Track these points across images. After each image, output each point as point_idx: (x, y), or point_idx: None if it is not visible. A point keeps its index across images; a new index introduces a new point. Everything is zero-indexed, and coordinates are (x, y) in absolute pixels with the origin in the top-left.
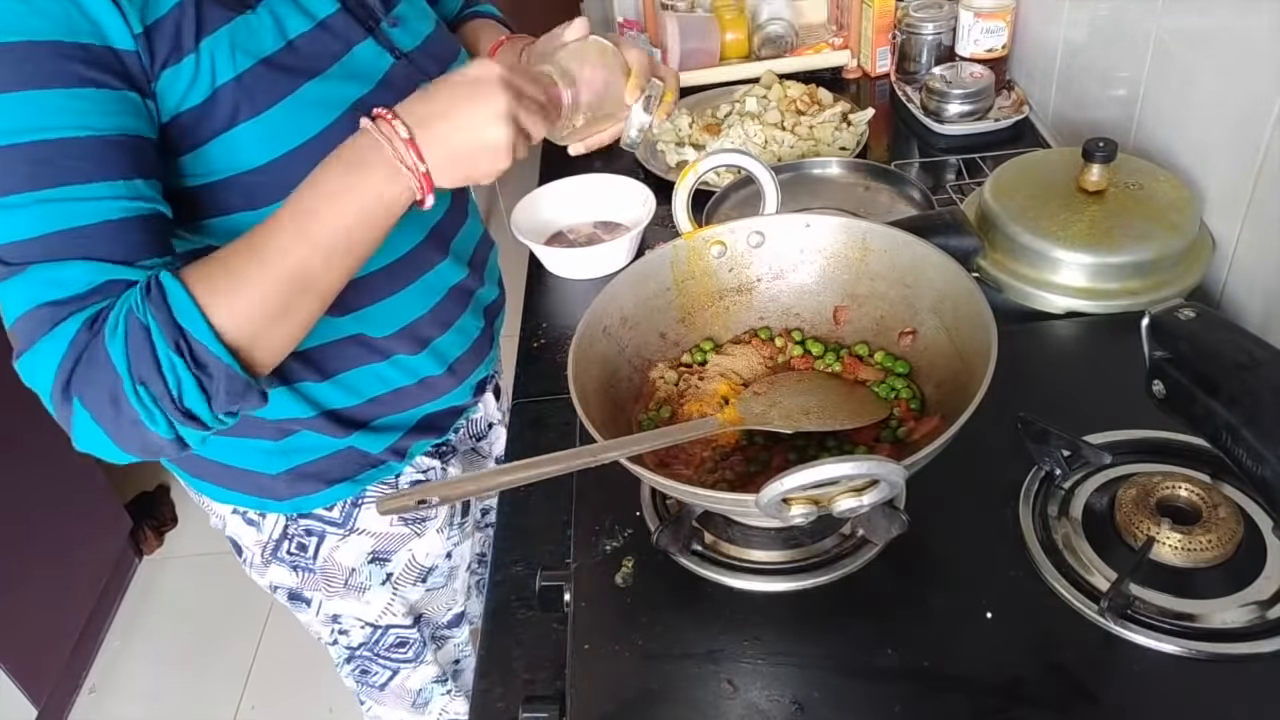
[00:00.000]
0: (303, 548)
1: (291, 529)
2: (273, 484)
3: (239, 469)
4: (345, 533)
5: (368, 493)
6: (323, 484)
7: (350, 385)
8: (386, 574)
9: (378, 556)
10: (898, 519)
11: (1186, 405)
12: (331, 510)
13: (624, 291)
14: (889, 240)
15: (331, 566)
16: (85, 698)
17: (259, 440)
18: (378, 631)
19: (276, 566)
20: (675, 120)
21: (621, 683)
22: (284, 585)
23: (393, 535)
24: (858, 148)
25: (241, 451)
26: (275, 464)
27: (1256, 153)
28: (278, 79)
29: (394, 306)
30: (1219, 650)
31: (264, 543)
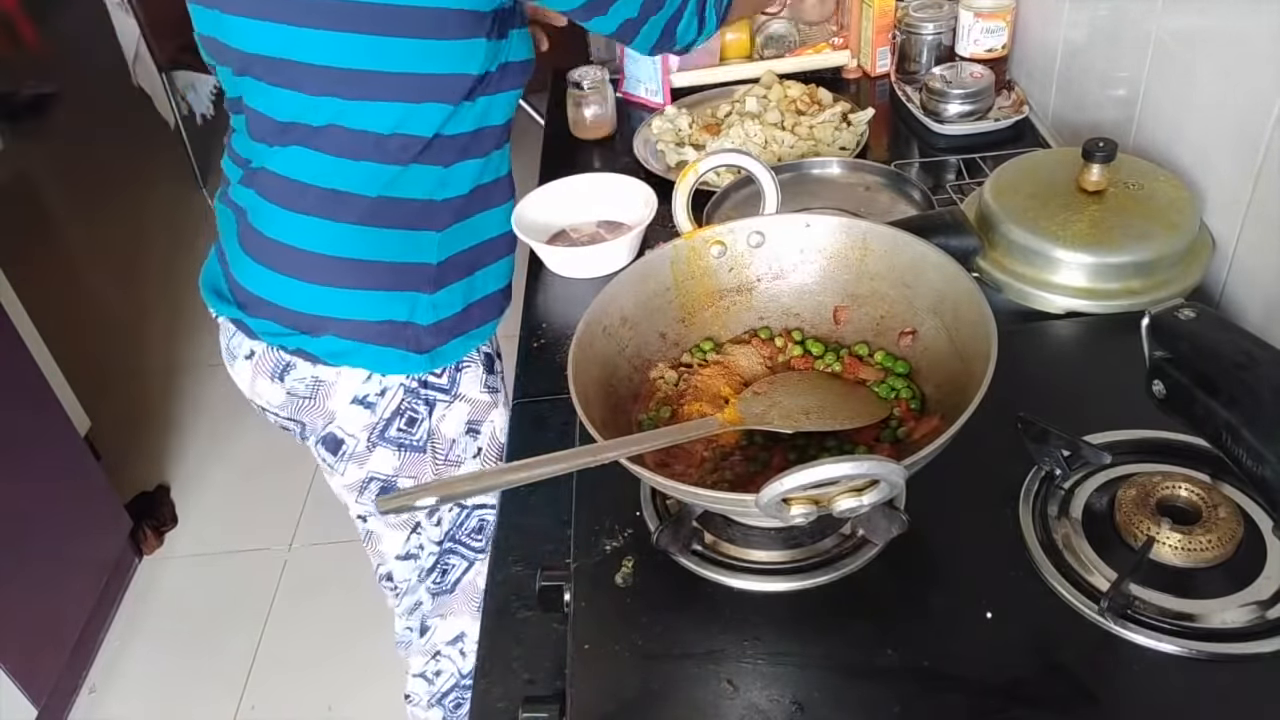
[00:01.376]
0: (413, 421)
1: (407, 402)
2: (423, 335)
3: (401, 322)
4: (451, 399)
5: (464, 360)
6: (454, 336)
7: (492, 220)
8: (477, 448)
9: (472, 426)
10: (898, 519)
11: (1186, 405)
12: (441, 376)
13: (624, 291)
14: (889, 240)
15: (438, 439)
16: (85, 698)
17: (418, 293)
18: (465, 513)
19: (381, 450)
20: (675, 120)
21: (621, 683)
22: (381, 474)
23: (481, 403)
24: (858, 148)
25: (405, 306)
26: (429, 315)
27: (1256, 153)
28: None
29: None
30: (1219, 650)
31: (374, 425)
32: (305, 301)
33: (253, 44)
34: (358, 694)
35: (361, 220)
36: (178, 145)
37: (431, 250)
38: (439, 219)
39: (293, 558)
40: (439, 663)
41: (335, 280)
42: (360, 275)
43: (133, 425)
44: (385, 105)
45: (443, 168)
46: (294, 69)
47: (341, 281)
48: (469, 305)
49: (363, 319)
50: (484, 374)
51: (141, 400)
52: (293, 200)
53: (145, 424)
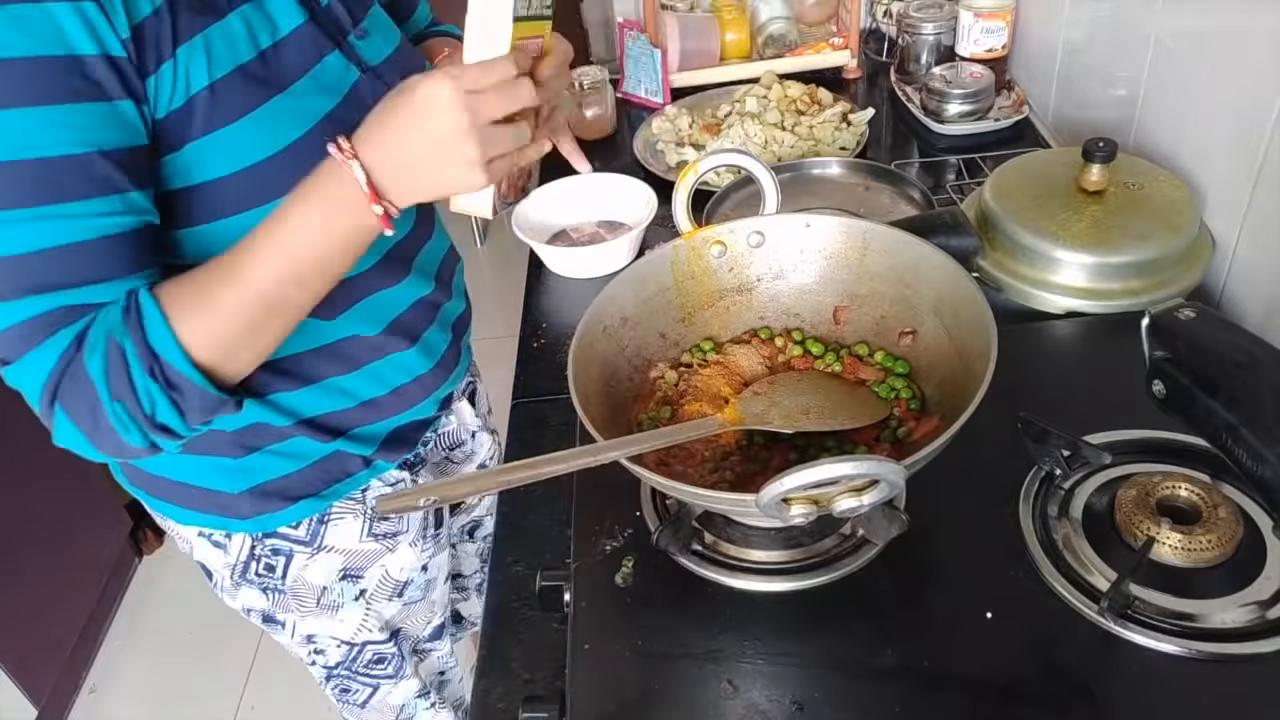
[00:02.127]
0: (270, 568)
1: (258, 549)
2: (236, 503)
3: (201, 489)
4: (313, 551)
5: (334, 509)
6: (286, 501)
7: (320, 394)
8: (360, 590)
9: (349, 574)
10: (898, 519)
11: (1186, 405)
12: (297, 529)
13: (624, 291)
14: (889, 240)
15: (301, 586)
16: (85, 698)
17: (220, 458)
18: (354, 649)
19: (246, 589)
20: (675, 120)
21: (621, 683)
22: (256, 608)
23: (363, 552)
24: (858, 148)
25: (202, 470)
26: (237, 482)
27: (1256, 153)
28: (250, 89)
29: (355, 318)
30: (1219, 650)
31: (232, 565)
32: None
33: None
34: None
35: None
36: None
37: (223, 419)
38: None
39: None
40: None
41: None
42: None
43: None
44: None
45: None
46: None
47: None
48: (312, 464)
49: (170, 478)
50: (368, 524)
51: None
52: None
53: None
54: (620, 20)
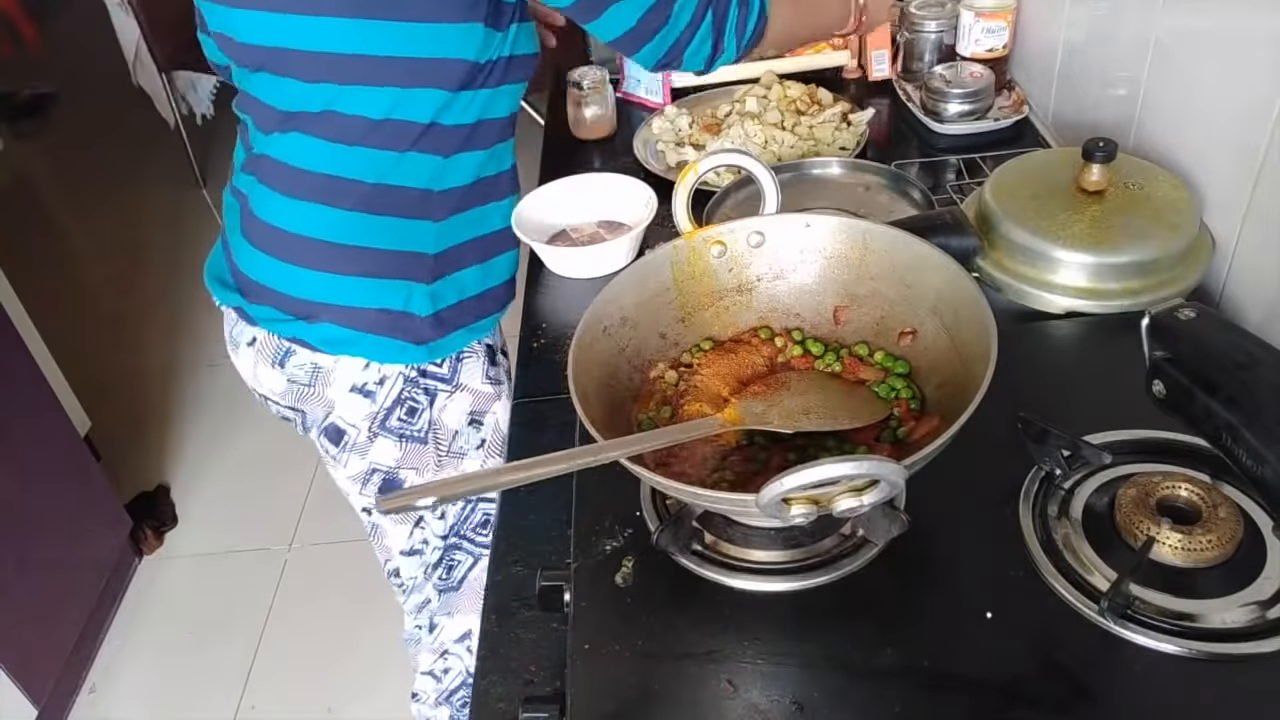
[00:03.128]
0: (412, 412)
1: (407, 392)
2: (422, 326)
3: (398, 311)
4: (452, 389)
5: (466, 351)
6: (453, 329)
7: (486, 215)
8: (480, 439)
9: (475, 418)
10: (898, 519)
11: (1186, 405)
12: (440, 366)
13: (624, 291)
14: (889, 240)
15: (439, 429)
16: (85, 698)
17: (415, 283)
18: (468, 507)
19: (383, 440)
20: (675, 120)
21: (621, 683)
22: (383, 465)
23: (484, 394)
24: (858, 148)
25: (399, 295)
26: (426, 305)
27: (1256, 153)
28: None
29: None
30: (1219, 650)
31: (374, 414)
32: (302, 287)
33: (260, 36)
34: (358, 694)
35: (358, 207)
36: (178, 145)
37: (429, 240)
38: (437, 209)
39: (293, 557)
40: (446, 660)
41: (331, 266)
42: (356, 262)
43: (132, 425)
44: (377, 90)
45: (442, 158)
46: (295, 58)
47: (337, 268)
48: (468, 298)
49: (359, 306)
50: (486, 365)
51: (141, 400)
52: (290, 186)
53: (145, 424)
54: None
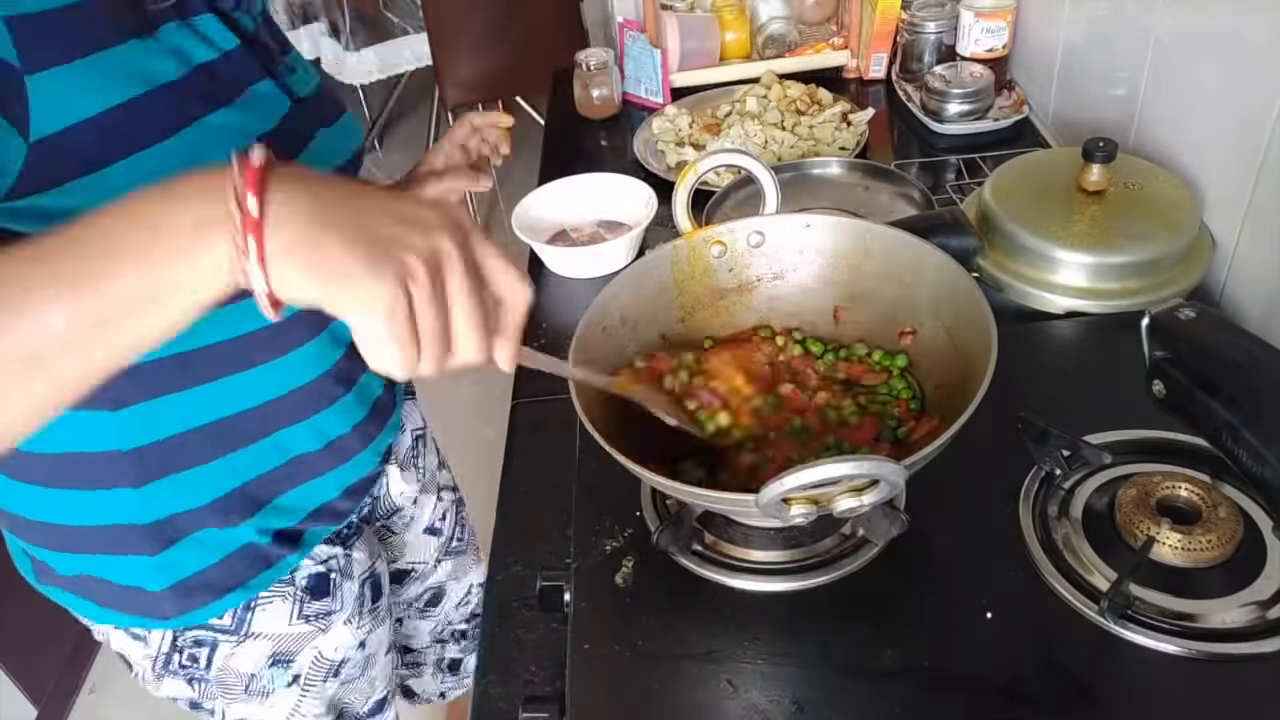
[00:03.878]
0: (194, 659)
1: (180, 641)
2: (156, 601)
3: (119, 585)
4: (239, 639)
5: (260, 597)
6: (211, 595)
7: (243, 460)
8: (293, 676)
9: (279, 659)
10: (898, 519)
11: (1186, 405)
12: (222, 619)
13: (624, 291)
14: (889, 240)
15: (228, 675)
16: (85, 698)
17: (136, 556)
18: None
19: (170, 680)
20: (675, 120)
21: (621, 683)
22: (182, 697)
23: (294, 635)
24: (858, 148)
25: (119, 568)
26: (157, 579)
27: (1256, 153)
28: (180, 104)
29: (295, 363)
30: (1219, 650)
31: (153, 657)
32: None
33: None
34: None
35: (40, 480)
36: None
37: (132, 510)
38: (126, 472)
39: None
40: None
41: (40, 540)
42: (52, 536)
43: None
44: None
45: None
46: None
47: (45, 542)
48: (236, 551)
49: (85, 573)
50: (299, 605)
51: None
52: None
53: None
54: (620, 20)
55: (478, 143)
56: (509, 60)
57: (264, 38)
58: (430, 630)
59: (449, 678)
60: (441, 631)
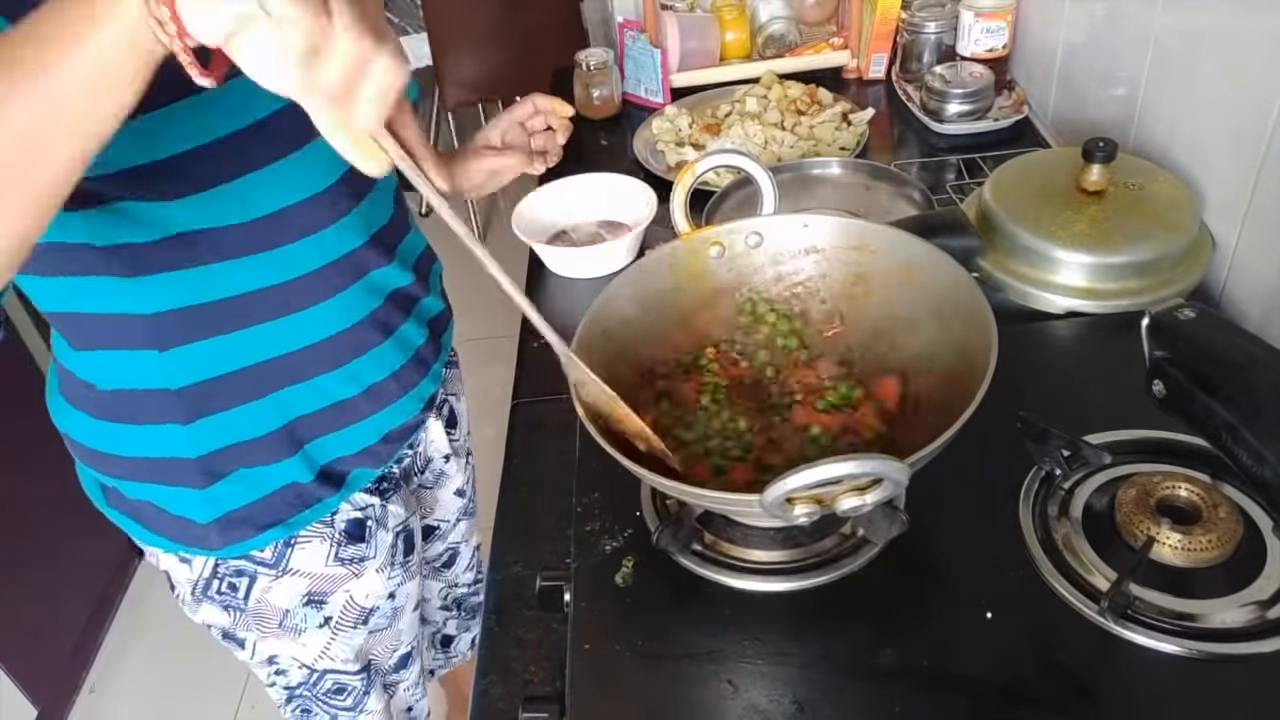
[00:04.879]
0: (233, 588)
1: (221, 569)
2: (204, 532)
3: (169, 514)
4: (277, 574)
5: (300, 535)
6: (254, 529)
7: (285, 401)
8: (324, 618)
9: (313, 599)
10: (898, 519)
11: (1186, 405)
12: (263, 551)
13: (623, 292)
14: (889, 240)
15: (264, 608)
16: (85, 698)
17: (185, 488)
18: (315, 674)
19: (208, 605)
20: (675, 120)
21: (621, 683)
22: (217, 624)
23: (329, 576)
24: (858, 148)
25: (170, 498)
26: (204, 512)
27: (1256, 153)
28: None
29: (332, 310)
30: (1219, 650)
31: (194, 581)
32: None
33: None
34: None
35: (97, 413)
36: None
37: (182, 444)
38: (175, 410)
39: None
40: None
41: (104, 468)
42: (114, 465)
43: None
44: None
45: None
46: None
47: (109, 470)
48: (279, 489)
49: (138, 498)
50: (335, 548)
51: None
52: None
53: None
54: (620, 20)
55: (541, 123)
56: (509, 60)
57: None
58: (438, 592)
59: (439, 653)
60: (446, 596)
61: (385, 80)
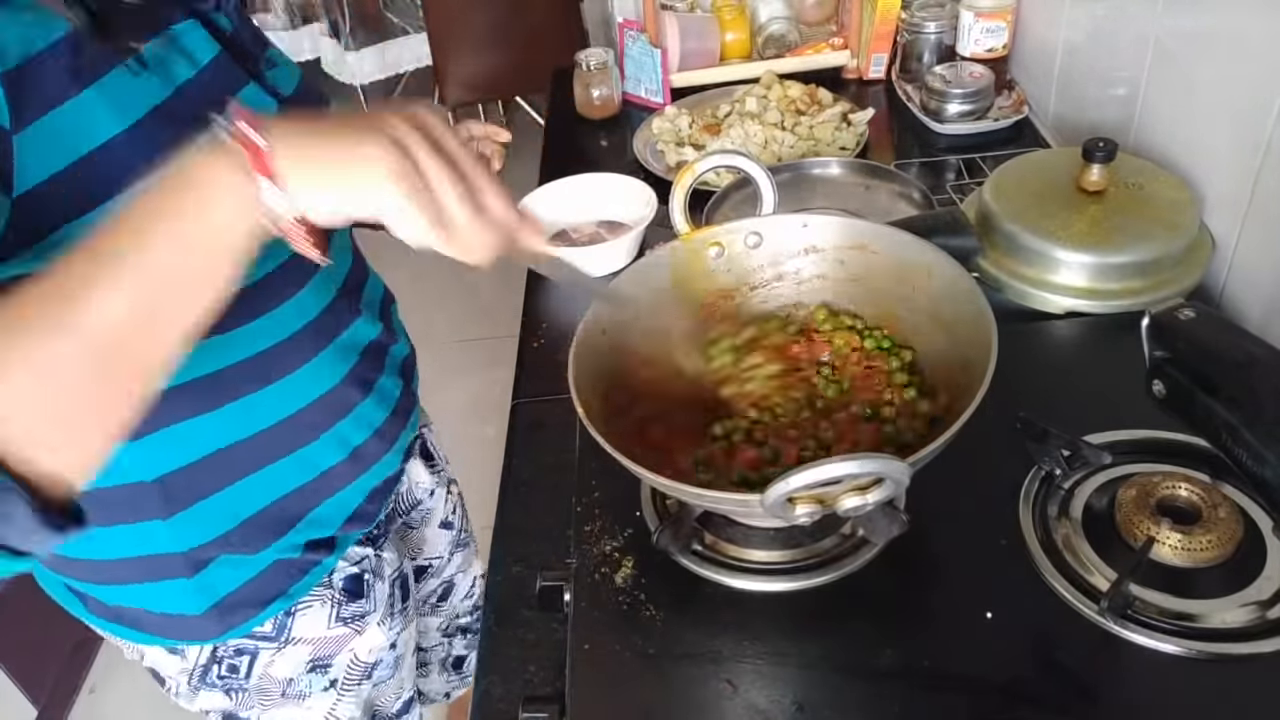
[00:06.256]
0: (234, 670)
1: (220, 652)
2: (200, 624)
3: (160, 614)
4: (280, 645)
5: (300, 602)
6: (256, 607)
7: (277, 475)
8: (330, 681)
9: (317, 665)
10: (898, 519)
11: (1186, 405)
12: (264, 625)
13: (623, 292)
14: (889, 240)
15: (267, 683)
16: (85, 698)
17: (173, 581)
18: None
19: (207, 693)
20: (675, 120)
21: (621, 683)
22: (217, 709)
23: (332, 639)
24: (858, 148)
25: (156, 595)
26: (198, 602)
27: (1256, 153)
28: (169, 131)
29: (312, 373)
30: (1219, 650)
31: (190, 670)
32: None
33: None
34: None
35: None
36: None
37: (165, 539)
38: (154, 502)
39: None
40: None
41: (75, 574)
42: (88, 570)
43: None
44: None
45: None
46: None
47: (82, 576)
48: (272, 564)
49: (123, 604)
50: (338, 607)
51: None
52: None
53: None
54: (620, 20)
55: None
56: (509, 60)
57: (243, 37)
58: (438, 626)
59: (453, 676)
60: (448, 627)
61: (491, 238)
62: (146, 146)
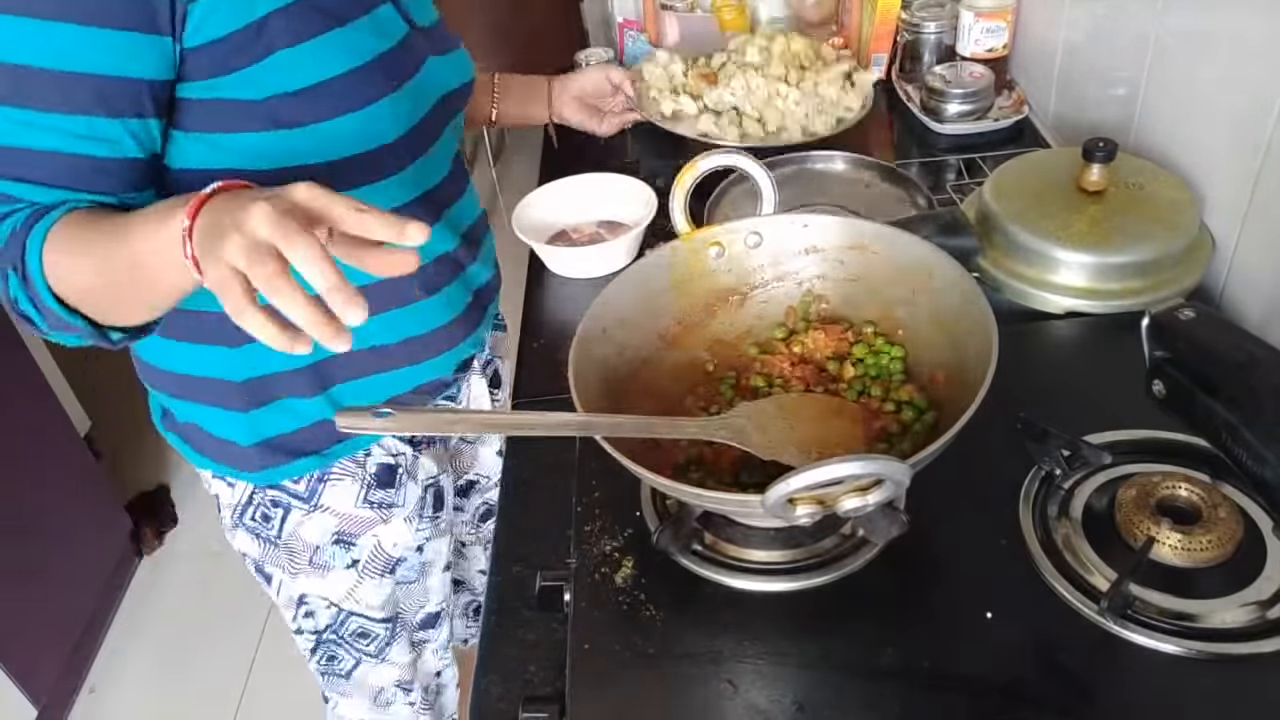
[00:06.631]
0: (266, 518)
1: (257, 497)
2: (245, 455)
3: (216, 438)
4: (309, 508)
5: (334, 469)
6: (290, 455)
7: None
8: (352, 559)
9: (342, 538)
10: (898, 519)
11: (1186, 405)
12: (298, 484)
13: (623, 293)
14: (889, 240)
15: (295, 542)
16: (85, 698)
17: (229, 410)
18: (342, 615)
19: (243, 533)
20: (668, 66)
21: (621, 683)
22: (249, 554)
23: (358, 518)
24: (863, 110)
25: (216, 421)
26: (246, 435)
27: (1256, 153)
28: (313, 19)
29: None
30: (1219, 650)
31: (234, 505)
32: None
33: None
34: None
35: (160, 331)
36: None
37: (229, 366)
38: (225, 332)
39: None
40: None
41: (162, 386)
42: (169, 383)
43: (133, 425)
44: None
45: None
46: None
47: (166, 388)
48: (314, 422)
49: (189, 421)
50: (365, 490)
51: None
52: None
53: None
54: (620, 20)
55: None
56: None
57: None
58: (473, 558)
59: (472, 622)
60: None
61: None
62: (294, 26)
